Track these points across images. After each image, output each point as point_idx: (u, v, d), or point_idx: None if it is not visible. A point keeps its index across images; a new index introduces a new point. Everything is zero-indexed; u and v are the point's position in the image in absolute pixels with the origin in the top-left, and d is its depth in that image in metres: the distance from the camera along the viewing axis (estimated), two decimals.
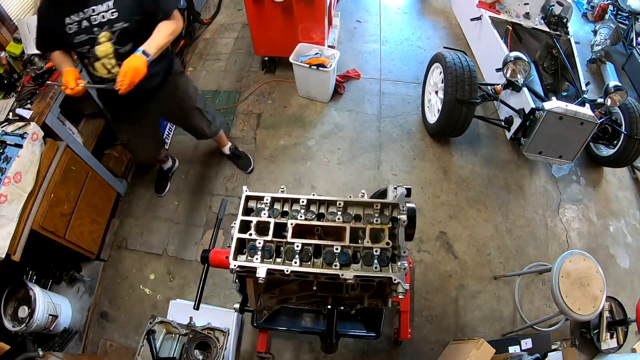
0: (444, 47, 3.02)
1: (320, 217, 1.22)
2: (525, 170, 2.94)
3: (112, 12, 1.64)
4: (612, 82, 2.66)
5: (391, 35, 3.80)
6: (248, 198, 1.25)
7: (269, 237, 1.14)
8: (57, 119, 2.10)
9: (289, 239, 1.14)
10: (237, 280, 1.38)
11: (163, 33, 1.73)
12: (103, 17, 1.64)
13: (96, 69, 1.77)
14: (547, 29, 3.14)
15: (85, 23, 1.64)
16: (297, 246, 1.12)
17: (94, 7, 1.63)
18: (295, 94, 3.27)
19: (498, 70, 2.60)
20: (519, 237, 2.63)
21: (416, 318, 2.31)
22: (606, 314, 2.26)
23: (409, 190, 1.26)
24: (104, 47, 1.70)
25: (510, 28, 3.18)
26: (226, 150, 2.79)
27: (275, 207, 1.23)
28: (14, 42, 2.22)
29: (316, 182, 2.80)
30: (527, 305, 2.38)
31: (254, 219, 1.18)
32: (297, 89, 3.23)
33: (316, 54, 3.00)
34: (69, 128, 2.26)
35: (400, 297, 1.12)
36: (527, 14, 3.20)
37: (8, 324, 1.99)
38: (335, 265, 1.11)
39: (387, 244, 1.12)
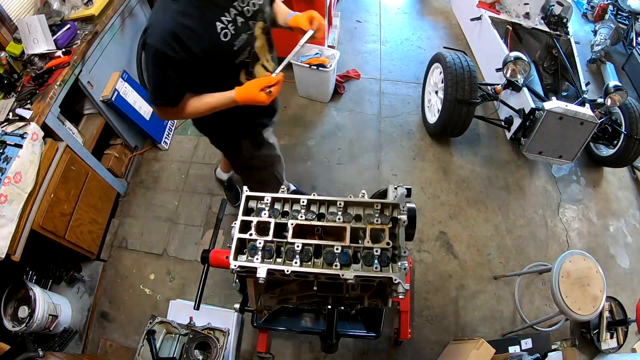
0: (444, 47, 3.03)
1: (320, 217, 1.22)
2: (525, 170, 2.94)
3: None
4: (612, 82, 2.66)
5: (391, 35, 3.80)
6: (248, 198, 1.24)
7: (270, 237, 1.14)
8: (57, 119, 2.10)
9: (290, 239, 1.13)
10: (237, 281, 1.38)
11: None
12: (254, 4, 1.27)
13: (254, 75, 1.36)
14: (547, 29, 3.14)
15: (240, 19, 1.24)
16: (298, 246, 1.12)
17: None
18: (295, 94, 3.27)
19: (498, 70, 2.61)
20: (519, 237, 2.63)
21: (416, 318, 2.31)
22: (606, 314, 2.26)
23: (409, 191, 1.26)
24: (260, 41, 1.32)
25: (510, 28, 3.18)
26: (223, 176, 2.51)
27: (275, 207, 1.23)
28: (14, 42, 2.21)
29: (316, 182, 2.80)
30: (527, 305, 2.39)
31: (254, 219, 1.17)
32: (297, 89, 3.23)
33: (316, 54, 3.00)
34: (69, 128, 2.26)
35: (400, 297, 1.11)
36: (527, 14, 3.20)
37: (8, 324, 1.99)
38: (336, 265, 1.10)
39: (388, 244, 1.12)
